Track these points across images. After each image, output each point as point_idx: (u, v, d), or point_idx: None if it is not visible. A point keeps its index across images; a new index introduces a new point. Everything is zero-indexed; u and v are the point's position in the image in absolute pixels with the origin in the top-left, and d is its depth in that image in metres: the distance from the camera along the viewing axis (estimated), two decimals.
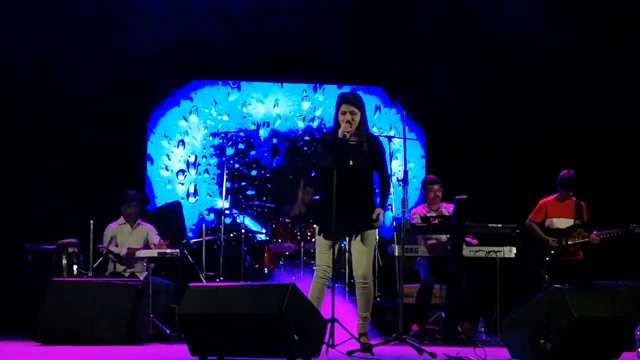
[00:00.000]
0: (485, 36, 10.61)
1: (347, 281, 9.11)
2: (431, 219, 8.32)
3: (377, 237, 6.64)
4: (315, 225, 9.32)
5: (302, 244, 9.35)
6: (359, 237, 6.48)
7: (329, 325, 5.97)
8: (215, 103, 11.55)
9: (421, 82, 10.82)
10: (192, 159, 11.44)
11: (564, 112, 10.79)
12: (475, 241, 8.63)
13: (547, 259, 8.73)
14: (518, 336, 5.64)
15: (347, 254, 8.39)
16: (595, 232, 8.69)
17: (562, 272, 8.61)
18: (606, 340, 5.60)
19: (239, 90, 11.63)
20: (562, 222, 8.83)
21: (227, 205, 10.02)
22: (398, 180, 6.71)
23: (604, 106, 10.50)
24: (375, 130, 10.80)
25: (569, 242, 8.74)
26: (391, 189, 6.59)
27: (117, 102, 10.62)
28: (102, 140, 10.55)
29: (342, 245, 8.42)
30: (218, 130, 11.37)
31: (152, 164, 11.31)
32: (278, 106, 11.66)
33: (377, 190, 6.58)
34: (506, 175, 10.63)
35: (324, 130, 11.53)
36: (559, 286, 5.76)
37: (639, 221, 8.60)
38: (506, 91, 10.80)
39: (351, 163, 6.41)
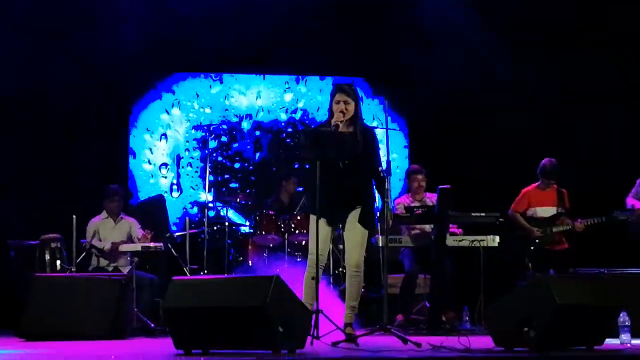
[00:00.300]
0: (466, 26, 10.63)
1: (331, 272, 9.12)
2: (415, 209, 8.33)
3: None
4: (299, 217, 9.35)
5: (286, 236, 9.34)
6: (352, 226, 6.49)
7: (313, 317, 5.97)
8: (198, 96, 11.52)
9: (404, 73, 10.83)
10: (175, 152, 11.41)
11: (545, 102, 10.83)
12: (459, 230, 8.64)
13: (532, 248, 8.74)
14: (502, 324, 5.66)
15: (330, 245, 8.39)
16: (579, 220, 8.72)
17: (547, 261, 8.64)
18: (589, 327, 5.63)
19: (221, 82, 11.60)
20: (545, 211, 8.85)
21: (210, 198, 10.00)
22: (381, 171, 6.69)
23: (585, 94, 10.57)
24: None
25: (554, 230, 8.76)
26: (387, 183, 6.56)
27: (99, 95, 10.58)
28: (84, 134, 10.50)
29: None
30: (200, 123, 11.33)
31: (134, 157, 11.27)
32: (260, 98, 11.64)
33: (372, 184, 6.61)
34: (489, 165, 10.65)
35: (307, 121, 11.53)
36: (542, 274, 5.78)
37: (622, 208, 8.66)
38: (489, 81, 10.82)
39: (340, 153, 6.39)
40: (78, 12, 10.31)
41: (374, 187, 6.62)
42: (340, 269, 9.10)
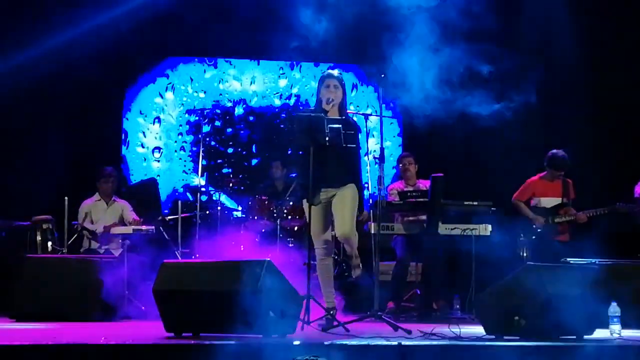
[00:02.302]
0: (460, 14, 10.59)
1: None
2: (408, 193, 8.35)
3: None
4: (291, 203, 9.35)
5: (278, 221, 9.34)
6: (337, 198, 6.54)
7: (304, 302, 5.98)
8: (192, 80, 11.50)
9: (398, 61, 10.79)
10: (167, 136, 11.39)
11: (541, 88, 10.79)
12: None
13: (534, 237, 8.73)
14: (493, 313, 5.67)
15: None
16: (582, 211, 8.72)
17: (547, 251, 8.61)
18: (580, 317, 5.64)
19: (215, 67, 11.57)
20: (550, 202, 8.83)
21: (203, 182, 10.00)
22: (374, 158, 6.71)
23: (584, 82, 10.54)
24: (352, 108, 10.79)
25: (556, 221, 8.76)
26: (361, 172, 6.67)
27: (93, 78, 10.53)
28: (78, 116, 10.47)
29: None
30: (194, 107, 11.32)
31: (127, 140, 11.24)
32: (255, 83, 11.61)
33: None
34: (483, 154, 10.63)
35: (301, 108, 11.50)
36: (533, 263, 5.79)
37: (626, 200, 8.66)
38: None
39: (328, 138, 6.44)
40: None
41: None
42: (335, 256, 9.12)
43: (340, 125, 6.46)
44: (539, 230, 8.73)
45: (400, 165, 9.07)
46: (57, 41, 10.17)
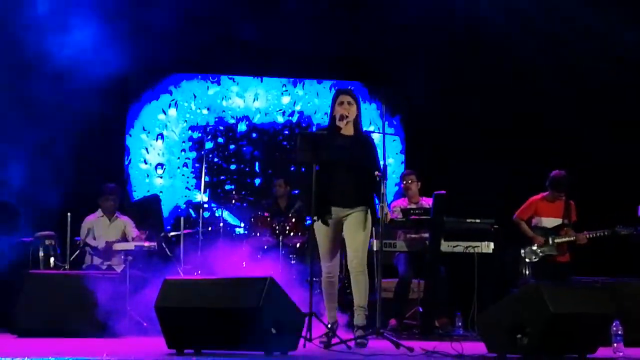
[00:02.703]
0: (466, 30, 10.63)
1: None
2: (411, 211, 8.35)
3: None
4: (293, 220, 9.33)
5: (280, 238, 9.33)
6: (355, 227, 6.49)
7: (306, 319, 5.97)
8: (195, 97, 11.52)
9: (400, 78, 10.83)
10: (170, 153, 11.40)
11: (544, 109, 10.81)
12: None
13: (534, 257, 8.71)
14: (495, 331, 5.65)
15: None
16: (584, 232, 8.70)
17: (547, 272, 8.60)
18: (583, 335, 5.63)
19: (219, 84, 11.60)
20: (551, 222, 8.82)
21: (205, 198, 10.00)
22: (377, 175, 6.69)
23: (588, 104, 10.53)
24: None
25: (556, 241, 8.74)
26: (383, 187, 6.59)
27: (96, 94, 10.54)
28: (81, 132, 10.47)
29: None
30: (197, 124, 11.35)
31: (130, 156, 11.26)
32: (258, 100, 11.64)
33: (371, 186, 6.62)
34: (485, 171, 10.64)
35: (304, 124, 11.53)
36: (535, 281, 5.78)
37: (626, 222, 8.63)
38: (487, 88, 10.81)
39: (333, 156, 6.43)
40: (77, 10, 10.29)
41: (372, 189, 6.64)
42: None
43: (345, 143, 6.46)
44: (539, 251, 8.73)
45: (403, 182, 9.07)
46: (61, 55, 10.18)
